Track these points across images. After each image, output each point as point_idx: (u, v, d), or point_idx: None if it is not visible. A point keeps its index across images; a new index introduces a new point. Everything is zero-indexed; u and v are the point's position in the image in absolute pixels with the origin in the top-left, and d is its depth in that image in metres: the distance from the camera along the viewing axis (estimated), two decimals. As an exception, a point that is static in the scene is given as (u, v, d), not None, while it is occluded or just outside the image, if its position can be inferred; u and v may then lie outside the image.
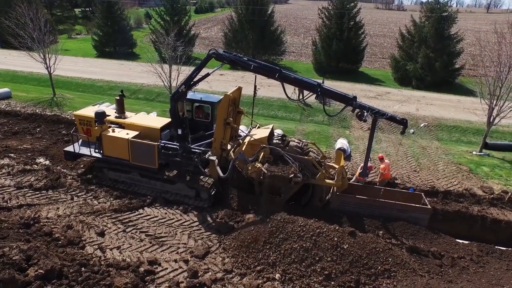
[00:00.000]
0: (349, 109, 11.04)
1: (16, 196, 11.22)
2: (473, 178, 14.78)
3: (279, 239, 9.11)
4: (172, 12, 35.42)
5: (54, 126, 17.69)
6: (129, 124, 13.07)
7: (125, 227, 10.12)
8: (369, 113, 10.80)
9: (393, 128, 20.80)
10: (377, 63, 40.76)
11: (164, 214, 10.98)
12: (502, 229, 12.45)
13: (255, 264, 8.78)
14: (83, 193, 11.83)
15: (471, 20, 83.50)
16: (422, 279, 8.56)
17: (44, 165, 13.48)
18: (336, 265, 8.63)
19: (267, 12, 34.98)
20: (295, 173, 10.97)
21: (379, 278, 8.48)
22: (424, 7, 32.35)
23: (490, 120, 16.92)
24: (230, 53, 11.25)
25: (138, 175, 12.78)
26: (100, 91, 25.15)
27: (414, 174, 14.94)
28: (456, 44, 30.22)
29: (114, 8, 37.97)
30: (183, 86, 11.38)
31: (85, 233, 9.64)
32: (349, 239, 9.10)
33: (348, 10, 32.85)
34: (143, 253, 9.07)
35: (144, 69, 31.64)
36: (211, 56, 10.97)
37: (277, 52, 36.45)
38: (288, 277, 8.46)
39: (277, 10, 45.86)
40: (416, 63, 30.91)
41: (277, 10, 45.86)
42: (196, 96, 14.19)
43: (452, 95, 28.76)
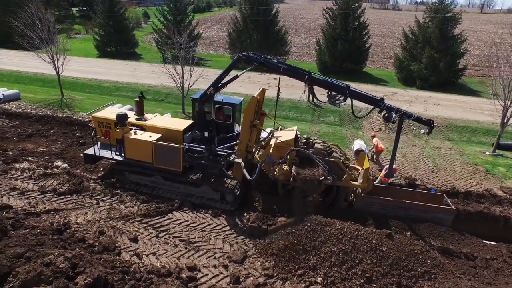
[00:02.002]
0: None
1: (42, 201, 11.01)
2: (491, 178, 14.96)
3: (318, 242, 9.11)
4: (176, 11, 35.15)
5: (67, 128, 17.41)
6: (151, 126, 12.92)
7: (158, 232, 10.00)
8: (397, 114, 10.85)
9: (404, 128, 20.96)
10: (379, 63, 41.04)
11: (194, 218, 10.89)
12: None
13: (295, 268, 8.77)
14: (108, 198, 11.66)
15: (467, 20, 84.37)
16: (462, 281, 8.62)
17: (64, 169, 13.25)
18: (377, 268, 8.66)
19: (272, 12, 34.92)
20: (325, 175, 11.00)
21: (419, 280, 8.53)
22: (428, 7, 32.57)
23: (504, 121, 17.10)
24: (259, 55, 11.20)
25: (161, 178, 12.64)
26: (108, 91, 24.86)
27: (432, 175, 15.07)
28: (460, 44, 30.51)
29: (116, 7, 37.55)
30: (211, 88, 11.29)
31: (118, 239, 9.50)
32: (387, 241, 9.15)
33: (352, 11, 32.97)
34: (180, 259, 8.97)
35: (150, 69, 31.63)
36: (240, 59, 10.92)
37: (281, 52, 36.42)
38: (330, 281, 8.46)
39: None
40: (420, 63, 31.15)
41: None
42: (217, 98, 14.05)
43: (457, 95, 29.08)
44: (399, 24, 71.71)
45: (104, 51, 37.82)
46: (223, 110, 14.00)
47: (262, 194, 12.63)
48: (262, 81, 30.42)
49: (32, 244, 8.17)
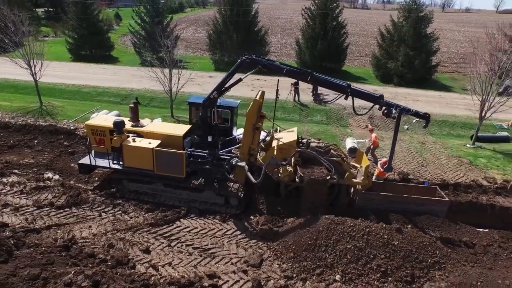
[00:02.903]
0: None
1: (40, 216, 10.45)
2: (475, 169, 15.89)
3: (332, 240, 9.32)
4: (153, 13, 34.34)
5: (52, 137, 16.57)
6: (149, 132, 12.62)
7: (169, 241, 9.80)
8: (397, 110, 11.29)
9: (390, 125, 21.80)
10: (356, 62, 42.19)
11: (203, 224, 10.77)
12: (510, 215, 13.53)
13: (313, 267, 8.92)
14: (110, 209, 11.26)
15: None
16: (467, 268, 9.14)
17: (57, 181, 12.66)
18: (390, 262, 9.00)
19: (251, 12, 34.97)
20: (331, 175, 11.25)
21: (431, 271, 8.97)
22: (401, 7, 33.93)
23: (482, 115, 18.17)
24: (262, 58, 11.27)
25: (161, 185, 12.40)
26: (88, 97, 23.89)
27: (422, 169, 15.78)
28: (432, 42, 32.03)
29: (89, 9, 36.11)
30: (215, 92, 11.21)
31: (129, 252, 9.22)
32: (397, 235, 9.52)
33: (331, 11, 33.70)
34: (197, 267, 8.86)
35: (130, 73, 30.79)
36: (244, 62, 10.93)
37: (262, 52, 36.52)
38: (348, 277, 8.70)
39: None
40: (397, 61, 32.38)
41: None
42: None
43: (433, 91, 30.55)
44: (371, 22, 74.22)
45: (78, 55, 36.27)
46: (221, 113, 13.92)
47: (266, 196, 12.72)
48: (246, 82, 30.38)
49: (42, 263, 7.78)
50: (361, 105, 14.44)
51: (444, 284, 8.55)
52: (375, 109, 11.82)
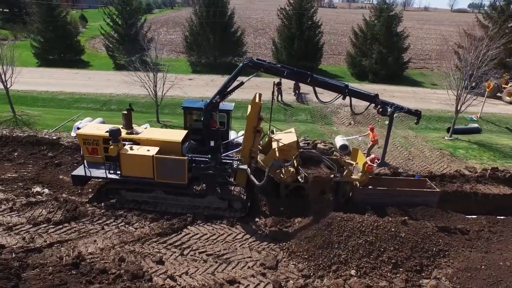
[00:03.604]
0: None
1: (39, 234, 9.85)
2: (456, 160, 16.93)
3: (344, 237, 9.60)
4: (126, 15, 33.22)
5: (33, 149, 15.62)
6: (146, 139, 12.29)
7: (181, 250, 9.62)
8: (392, 108, 11.82)
9: (371, 121, 22.67)
10: (330, 60, 43.28)
11: (212, 230, 10.67)
12: (490, 201, 14.58)
13: (329, 264, 9.16)
14: (112, 221, 10.84)
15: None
16: (467, 253, 9.78)
17: (49, 195, 11.99)
18: (400, 253, 9.44)
19: (227, 13, 34.83)
20: (334, 173, 11.57)
21: (437, 259, 9.50)
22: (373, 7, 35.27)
23: (457, 109, 19.35)
24: (263, 61, 11.34)
25: (162, 193, 12.14)
26: (65, 104, 22.73)
27: (410, 162, 16.58)
28: (403, 40, 33.58)
29: (56, 11, 34.25)
30: (217, 96, 11.13)
31: (142, 264, 8.94)
32: (403, 227, 9.99)
33: (306, 11, 34.34)
34: (215, 274, 8.78)
35: (105, 78, 29.61)
36: (246, 65, 10.94)
37: (239, 53, 36.54)
38: (362, 271, 9.03)
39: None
40: (371, 58, 33.62)
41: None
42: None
43: (406, 86, 32.08)
44: (339, 21, 76.38)
45: (45, 59, 34.28)
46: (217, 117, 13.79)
47: (266, 197, 12.82)
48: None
49: (55, 284, 7.39)
50: (342, 102, 14.74)
51: (451, 270, 9.11)
52: (357, 107, 12.28)
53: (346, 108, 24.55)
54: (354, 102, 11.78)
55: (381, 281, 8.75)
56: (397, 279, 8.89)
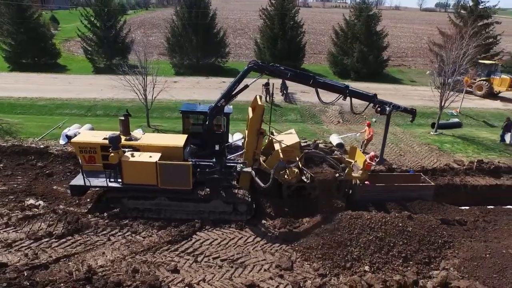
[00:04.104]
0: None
1: (42, 250, 9.37)
2: (444, 154, 17.70)
3: (355, 234, 9.83)
4: (105, 17, 32.16)
5: (20, 159, 14.83)
6: (146, 145, 12.01)
7: (194, 257, 9.47)
8: (390, 107, 12.20)
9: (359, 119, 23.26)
10: (311, 59, 43.91)
11: (221, 235, 10.58)
12: (478, 192, 15.37)
13: (343, 262, 9.34)
14: (117, 231, 10.50)
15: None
16: (468, 243, 10.27)
17: (46, 207, 11.45)
18: (409, 247, 9.78)
19: (209, 14, 34.52)
20: (339, 172, 11.79)
21: (443, 250, 9.93)
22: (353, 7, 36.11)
23: (441, 105, 20.20)
24: (267, 63, 11.38)
25: (165, 199, 11.91)
26: (46, 111, 21.72)
27: (402, 158, 17.16)
28: (382, 39, 34.63)
29: (28, 12, 32.62)
30: (222, 100, 11.05)
31: (158, 274, 8.73)
32: (409, 222, 10.37)
33: (287, 11, 34.66)
34: (233, 279, 8.73)
35: (87, 82, 28.57)
36: (251, 68, 10.94)
37: (222, 54, 36.33)
38: (375, 267, 9.28)
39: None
40: (352, 57, 34.41)
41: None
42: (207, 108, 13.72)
43: (387, 84, 33.11)
44: (316, 20, 77.63)
45: (18, 64, 32.51)
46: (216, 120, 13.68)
47: (269, 199, 12.89)
48: (212, 85, 30.08)
49: (72, 301, 7.07)
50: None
51: (457, 260, 9.55)
52: (344, 105, 12.52)
53: (334, 107, 25.04)
54: (340, 101, 11.98)
55: (394, 275, 9.02)
56: (409, 272, 9.20)
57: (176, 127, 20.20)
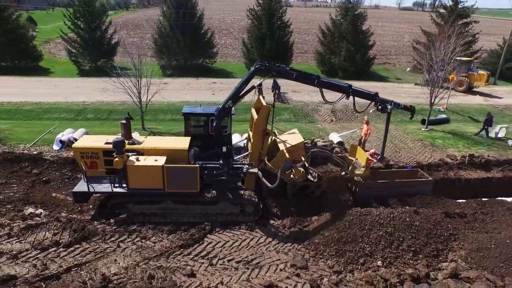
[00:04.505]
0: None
1: (50, 260, 9.05)
2: (437, 150, 18.27)
3: (365, 230, 10.03)
4: (90, 18, 31.30)
5: (13, 166, 14.26)
6: (150, 149, 11.82)
7: (208, 260, 9.40)
8: (392, 105, 12.51)
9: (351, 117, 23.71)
10: (298, 58, 44.26)
11: (232, 236, 10.55)
12: (471, 185, 15.97)
13: (356, 258, 9.52)
14: (126, 237, 10.27)
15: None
16: (473, 235, 10.68)
17: (48, 216, 11.07)
18: (417, 241, 10.06)
19: (197, 15, 34.22)
20: (345, 171, 11.99)
21: (449, 243, 10.27)
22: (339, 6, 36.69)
23: (431, 101, 20.84)
24: (274, 64, 11.43)
25: (172, 203, 11.76)
26: (34, 115, 20.94)
27: (397, 154, 17.60)
28: (368, 37, 35.34)
29: (5, 12, 31.33)
30: (229, 101, 11.00)
31: (174, 279, 8.61)
32: (416, 216, 10.68)
33: (275, 11, 34.82)
34: (251, 281, 8.72)
35: (74, 85, 27.73)
36: (258, 69, 10.96)
37: (210, 55, 36.10)
38: (387, 262, 9.50)
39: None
40: (339, 56, 34.96)
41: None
42: (209, 110, 13.65)
43: (374, 82, 33.82)
44: (299, 20, 78.17)
45: (-4, 67, 31.29)
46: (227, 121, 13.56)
47: (274, 198, 12.94)
48: (203, 86, 29.86)
49: (93, 310, 6.87)
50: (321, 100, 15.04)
51: (464, 252, 9.91)
52: (336, 103, 12.62)
53: (326, 106, 25.41)
54: (329, 100, 12.10)
55: (407, 269, 9.27)
56: (419, 265, 9.49)
57: (171, 129, 19.98)
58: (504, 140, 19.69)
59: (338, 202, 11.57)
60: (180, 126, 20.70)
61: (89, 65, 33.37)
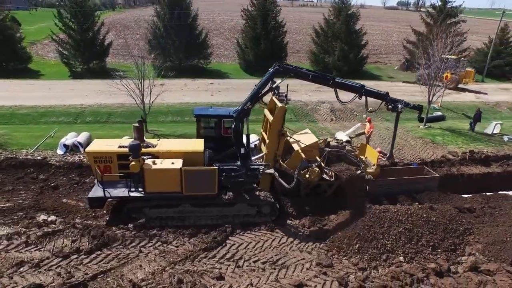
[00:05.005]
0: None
1: (75, 267, 8.84)
2: (438, 147, 18.77)
3: (385, 227, 10.24)
4: (81, 18, 30.61)
5: (18, 172, 13.84)
6: (166, 152, 11.69)
7: (235, 262, 9.40)
8: (402, 105, 12.80)
9: (350, 116, 24.05)
10: (291, 58, 44.43)
11: (254, 238, 10.57)
12: (473, 181, 16.48)
13: (378, 255, 9.71)
14: (147, 242, 10.15)
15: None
16: (487, 229, 11.04)
17: (64, 222, 10.81)
18: (435, 236, 10.34)
19: (191, 15, 33.97)
20: (360, 169, 12.19)
21: (465, 237, 10.60)
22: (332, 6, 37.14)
23: (429, 99, 21.38)
24: (291, 66, 11.55)
25: (189, 206, 11.69)
26: (30, 119, 20.35)
27: (401, 151, 17.98)
28: (362, 37, 35.89)
29: (-10, 12, 30.28)
30: (248, 103, 11.01)
31: (203, 282, 8.56)
32: (432, 212, 10.96)
33: (269, 11, 34.94)
34: (280, 281, 8.76)
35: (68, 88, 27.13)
36: (277, 70, 11.03)
37: (204, 55, 35.89)
38: (409, 257, 9.73)
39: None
40: (333, 55, 35.37)
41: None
42: (221, 112, 13.63)
43: (368, 80, 34.29)
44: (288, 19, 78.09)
45: (-18, 69, 30.21)
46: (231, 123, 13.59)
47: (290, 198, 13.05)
48: (201, 87, 29.68)
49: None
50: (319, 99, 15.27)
51: (480, 245, 10.25)
52: (335, 103, 12.90)
53: (325, 105, 25.71)
54: (328, 99, 12.37)
55: (428, 263, 9.52)
56: (440, 260, 9.76)
57: (175, 132, 19.79)
58: (500, 136, 20.39)
59: (353, 201, 11.73)
60: (182, 128, 20.64)
61: (81, 67, 32.64)
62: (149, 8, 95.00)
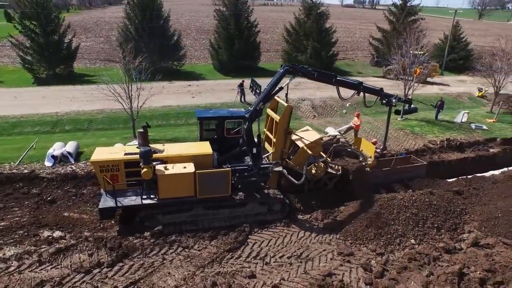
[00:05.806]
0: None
1: (101, 282, 8.50)
2: (418, 137, 20.16)
3: (394, 214, 10.97)
4: (44, 21, 28.72)
5: (5, 188, 12.85)
6: (174, 156, 11.57)
7: (261, 260, 9.57)
8: (396, 99, 13.67)
9: (331, 111, 24.97)
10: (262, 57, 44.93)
11: (273, 234, 10.81)
12: (452, 166, 17.98)
13: (392, 239, 10.41)
14: (167, 248, 9.99)
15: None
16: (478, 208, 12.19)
17: (74, 237, 10.29)
18: (438, 218, 11.27)
19: (163, 16, 33.18)
20: (363, 162, 12.85)
21: (462, 217, 11.64)
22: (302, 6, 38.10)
23: (405, 93, 22.82)
24: (300, 66, 11.91)
25: (202, 209, 11.66)
26: (3, 131, 18.82)
27: (386, 143, 19.00)
28: (331, 35, 37.24)
29: None
30: (260, 103, 11.18)
31: (237, 282, 8.64)
32: (432, 197, 11.88)
33: (242, 11, 35.11)
34: (309, 273, 9.09)
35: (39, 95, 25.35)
36: (287, 70, 11.31)
37: (178, 57, 35.23)
38: (419, 239, 10.53)
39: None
40: (306, 54, 36.36)
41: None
42: (223, 113, 13.69)
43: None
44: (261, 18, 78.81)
45: None
46: (233, 124, 13.66)
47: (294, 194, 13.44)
48: (180, 90, 29.15)
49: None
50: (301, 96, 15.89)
51: (476, 223, 11.31)
52: (314, 99, 13.68)
53: (306, 102, 26.43)
54: (307, 96, 13.07)
55: (437, 243, 10.37)
56: (445, 239, 10.66)
57: (165, 136, 19.37)
58: (468, 124, 22.32)
59: (360, 191, 12.37)
60: (171, 132, 20.30)
61: (46, 72, 30.63)
62: (107, 9, 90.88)
